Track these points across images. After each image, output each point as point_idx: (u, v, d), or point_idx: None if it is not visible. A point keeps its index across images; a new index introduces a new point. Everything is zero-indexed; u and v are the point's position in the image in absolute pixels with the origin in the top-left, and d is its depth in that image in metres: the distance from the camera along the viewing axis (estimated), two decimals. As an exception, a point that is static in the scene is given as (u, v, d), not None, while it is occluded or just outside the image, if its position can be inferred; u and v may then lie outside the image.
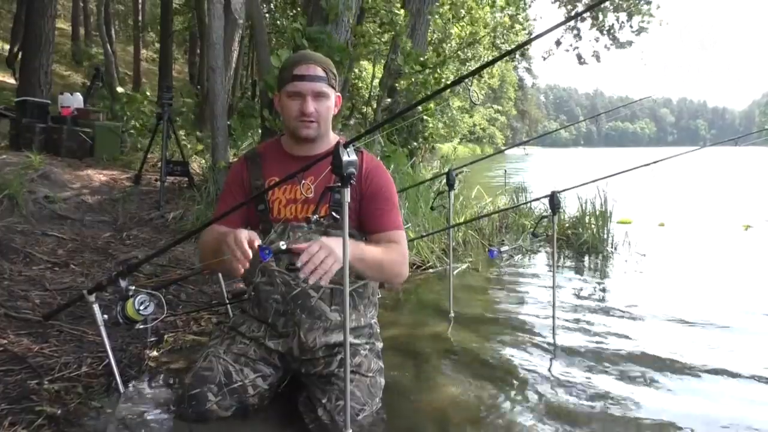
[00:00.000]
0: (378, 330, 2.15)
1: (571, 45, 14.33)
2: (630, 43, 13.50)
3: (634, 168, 2.98)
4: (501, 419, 2.00)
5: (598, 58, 14.17)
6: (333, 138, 2.06)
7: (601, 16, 12.90)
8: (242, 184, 2.06)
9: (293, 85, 1.91)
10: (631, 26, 13.10)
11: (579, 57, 14.28)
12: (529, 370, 2.43)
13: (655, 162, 2.99)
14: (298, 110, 1.92)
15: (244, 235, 1.68)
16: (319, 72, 1.92)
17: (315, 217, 1.77)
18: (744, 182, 14.02)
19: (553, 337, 2.78)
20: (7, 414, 1.82)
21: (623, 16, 12.99)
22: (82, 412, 1.89)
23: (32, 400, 1.92)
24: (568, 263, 4.64)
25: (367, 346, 2.03)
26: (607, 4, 12.23)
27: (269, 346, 1.97)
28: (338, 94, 2.02)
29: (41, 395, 1.96)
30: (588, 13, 11.98)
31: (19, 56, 8.54)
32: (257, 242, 1.68)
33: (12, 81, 10.39)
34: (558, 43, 14.39)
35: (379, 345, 2.11)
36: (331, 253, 1.64)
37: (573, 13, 13.04)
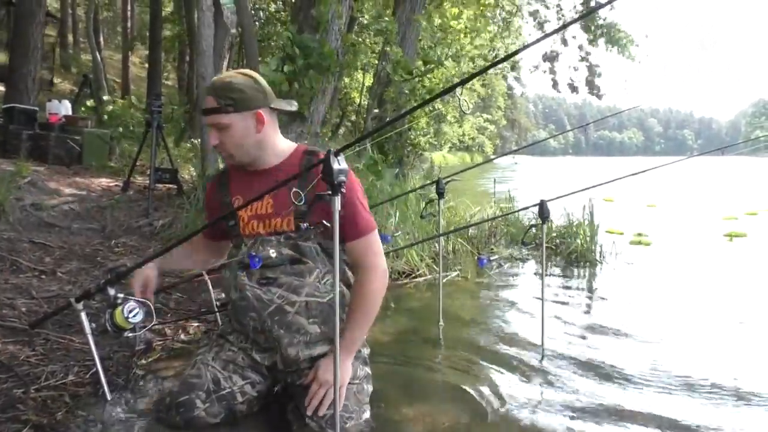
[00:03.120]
0: (364, 336, 2.14)
1: (550, 68, 14.48)
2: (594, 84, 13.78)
3: (623, 177, 3.00)
4: (489, 428, 2.00)
5: (573, 88, 14.27)
6: (285, 147, 1.98)
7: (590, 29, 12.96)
8: (210, 203, 2.14)
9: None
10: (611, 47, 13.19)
11: (554, 83, 14.45)
12: (518, 379, 2.43)
13: (643, 171, 3.02)
14: None
15: (139, 282, 2.04)
16: (213, 104, 1.84)
17: (305, 225, 1.82)
18: (730, 191, 14.14)
19: (542, 345, 2.79)
20: (-7, 423, 1.80)
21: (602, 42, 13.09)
22: (69, 421, 1.88)
23: (18, 409, 1.91)
24: (557, 271, 4.67)
25: (354, 353, 2.03)
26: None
27: (256, 359, 1.98)
28: (256, 111, 1.86)
29: (27, 404, 1.94)
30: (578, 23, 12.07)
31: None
32: (149, 293, 2.05)
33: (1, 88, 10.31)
34: (545, 57, 14.51)
35: (366, 351, 2.11)
36: (329, 385, 1.81)
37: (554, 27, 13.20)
